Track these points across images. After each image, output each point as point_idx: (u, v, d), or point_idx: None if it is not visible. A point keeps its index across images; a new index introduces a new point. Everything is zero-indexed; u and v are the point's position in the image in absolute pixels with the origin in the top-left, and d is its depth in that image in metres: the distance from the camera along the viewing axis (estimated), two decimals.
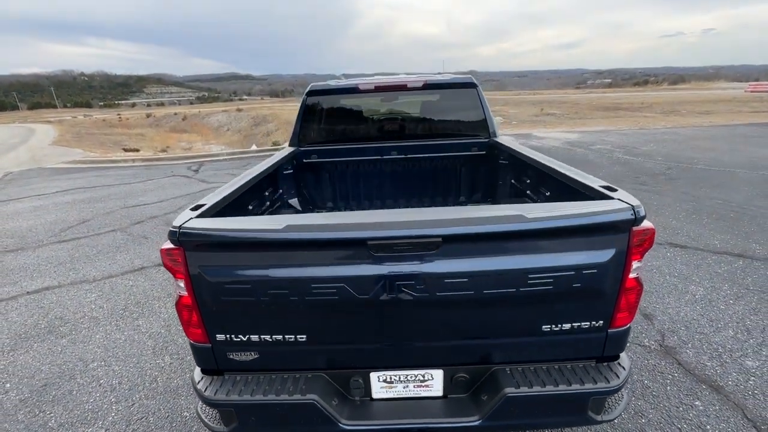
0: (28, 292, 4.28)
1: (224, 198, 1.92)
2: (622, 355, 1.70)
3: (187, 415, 2.54)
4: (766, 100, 28.96)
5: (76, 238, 5.91)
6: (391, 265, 1.43)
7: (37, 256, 5.28)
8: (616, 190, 1.65)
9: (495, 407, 1.58)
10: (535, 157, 2.56)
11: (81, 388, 2.83)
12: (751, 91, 43.24)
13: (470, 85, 3.41)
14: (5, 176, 11.45)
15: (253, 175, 2.42)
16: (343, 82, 3.45)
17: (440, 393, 1.74)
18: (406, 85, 3.32)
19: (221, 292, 1.50)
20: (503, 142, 3.22)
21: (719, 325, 3.14)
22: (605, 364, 1.67)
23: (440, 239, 1.38)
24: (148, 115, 51.89)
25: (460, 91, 3.46)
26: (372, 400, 1.75)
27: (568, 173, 2.06)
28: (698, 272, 3.97)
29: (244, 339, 1.61)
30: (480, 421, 1.61)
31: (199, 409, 1.81)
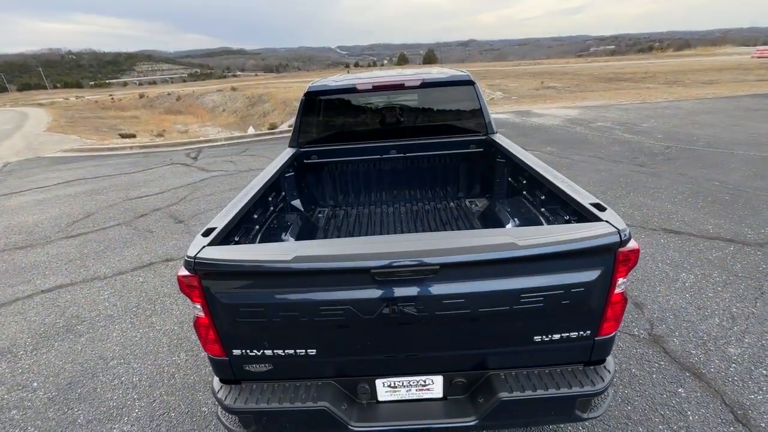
0: (42, 291, 4.44)
1: (232, 219, 2.01)
2: (608, 358, 1.84)
3: (206, 410, 2.73)
4: None
5: (83, 233, 6.03)
6: (393, 288, 1.55)
7: (47, 252, 5.42)
8: (605, 209, 1.74)
9: (490, 409, 1.73)
10: (528, 162, 2.62)
11: (104, 385, 3.02)
12: (758, 57, 42.12)
13: (467, 83, 3.42)
14: (4, 167, 11.45)
15: (258, 187, 2.50)
16: (341, 82, 3.45)
17: (440, 395, 1.90)
18: (403, 84, 3.33)
19: (235, 314, 1.62)
20: (499, 141, 3.27)
21: (706, 313, 3.29)
22: (592, 367, 1.81)
23: (438, 267, 1.48)
24: (141, 96, 50.91)
25: (457, 89, 3.46)
26: (378, 402, 1.91)
27: (559, 185, 2.13)
28: (690, 259, 4.10)
29: (259, 353, 1.74)
30: (476, 422, 1.77)
31: (219, 413, 1.97)
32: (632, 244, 1.56)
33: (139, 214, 6.66)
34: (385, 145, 3.67)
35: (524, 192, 2.95)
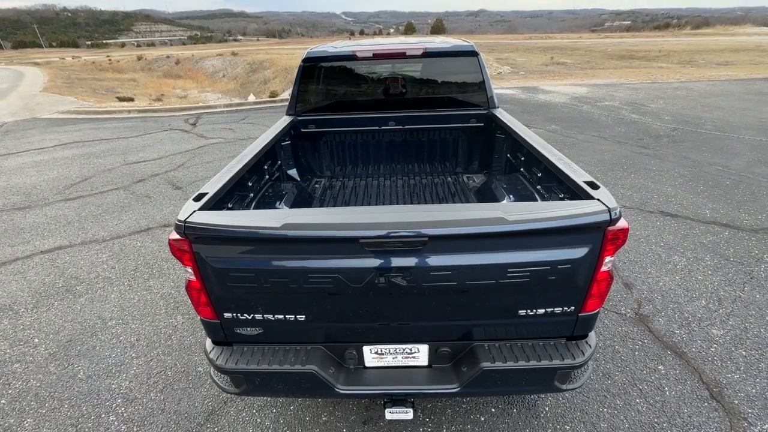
0: (42, 252, 4.49)
1: (225, 184, 2.00)
2: (590, 333, 1.89)
3: (201, 370, 2.83)
4: None
5: (81, 196, 6.03)
6: (381, 258, 1.56)
7: (45, 214, 5.44)
8: (598, 188, 1.73)
9: (473, 377, 1.80)
10: (527, 139, 2.58)
11: (103, 344, 3.11)
12: None
13: (471, 53, 3.31)
14: (1, 126, 11.30)
15: (253, 154, 2.47)
16: (340, 49, 3.34)
17: (425, 363, 1.96)
18: (404, 52, 3.22)
19: (226, 278, 1.65)
20: (501, 116, 3.20)
21: (694, 295, 3.35)
22: (574, 342, 1.86)
23: (426, 239, 1.49)
24: (139, 58, 49.51)
25: (460, 59, 3.36)
26: (365, 368, 1.98)
27: (556, 163, 2.11)
28: (684, 242, 4.12)
29: (249, 317, 1.78)
30: (459, 389, 1.83)
31: (212, 373, 2.05)
32: (622, 223, 1.56)
33: (137, 179, 6.64)
34: (384, 116, 3.60)
35: (522, 169, 2.93)
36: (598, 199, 1.60)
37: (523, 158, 2.89)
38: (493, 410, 2.44)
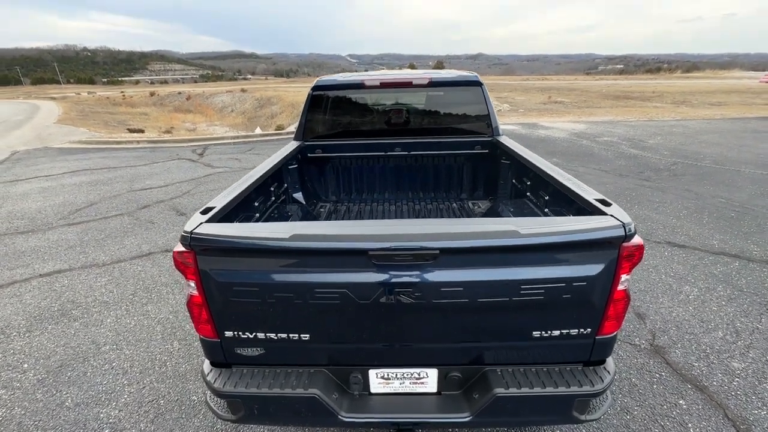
0: (40, 275, 4.43)
1: (232, 200, 1.99)
2: (608, 360, 1.79)
3: (195, 399, 2.68)
4: None
5: (85, 221, 6.04)
6: (390, 273, 1.51)
7: (48, 238, 5.42)
8: (610, 205, 1.71)
9: (485, 405, 1.68)
10: (534, 162, 2.60)
11: (95, 370, 2.98)
12: (765, 82, 42.25)
13: (475, 84, 3.42)
14: (12, 155, 11.55)
15: (260, 173, 2.48)
16: (349, 78, 3.46)
17: (434, 390, 1.85)
18: (411, 82, 3.33)
19: (229, 293, 1.59)
20: (505, 142, 3.25)
21: (710, 327, 3.23)
22: (591, 368, 1.76)
23: (437, 251, 1.45)
24: (152, 94, 51.51)
25: (464, 89, 3.46)
26: (370, 394, 1.86)
27: (565, 183, 2.11)
28: (694, 273, 4.04)
29: (251, 336, 1.71)
30: (470, 417, 1.71)
31: (208, 398, 1.94)
32: (637, 240, 1.53)
33: (142, 205, 6.67)
34: (390, 143, 3.66)
35: (528, 194, 2.93)
36: (612, 215, 1.57)
37: (529, 182, 2.90)
38: None
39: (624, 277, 1.57)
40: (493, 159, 3.55)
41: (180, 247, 1.58)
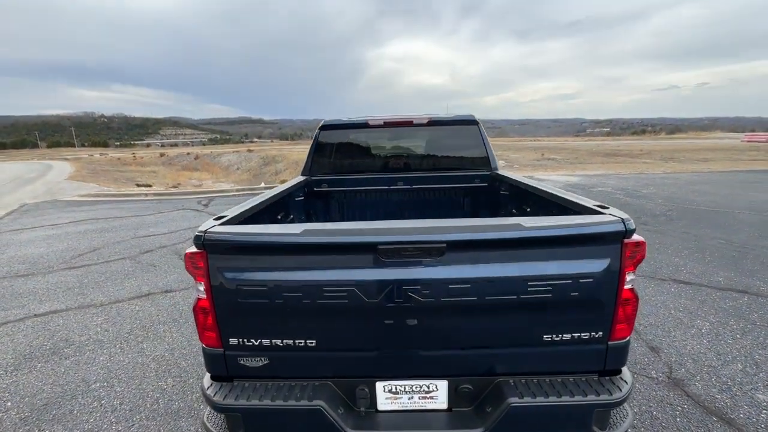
0: (35, 315, 4.33)
1: (244, 212, 2.06)
2: (624, 369, 1.73)
3: None
4: (764, 150, 29.65)
5: (86, 265, 6.02)
6: (398, 270, 1.53)
7: (47, 281, 5.37)
8: (608, 208, 1.78)
9: (499, 418, 1.60)
10: (534, 185, 2.71)
11: (82, 407, 2.81)
12: (748, 141, 44.36)
13: (471, 122, 3.66)
14: (21, 207, 11.80)
15: (269, 195, 2.58)
16: (354, 119, 3.72)
17: (445, 406, 1.76)
18: (412, 121, 3.58)
19: (238, 294, 1.59)
20: (502, 173, 3.40)
21: (727, 359, 3.10)
22: (608, 378, 1.70)
23: (444, 245, 1.49)
24: (162, 155, 53.80)
25: (462, 128, 3.70)
26: (377, 412, 1.77)
27: (565, 196, 2.20)
28: (703, 307, 3.96)
29: (256, 343, 1.67)
30: None
31: (204, 419, 1.83)
32: (637, 237, 1.57)
33: (144, 250, 6.70)
34: (393, 178, 3.81)
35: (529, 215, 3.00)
36: (611, 214, 1.63)
37: (529, 209, 2.99)
38: None
39: (630, 275, 1.59)
40: (493, 191, 3.67)
41: (192, 249, 1.62)
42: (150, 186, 17.37)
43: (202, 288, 1.64)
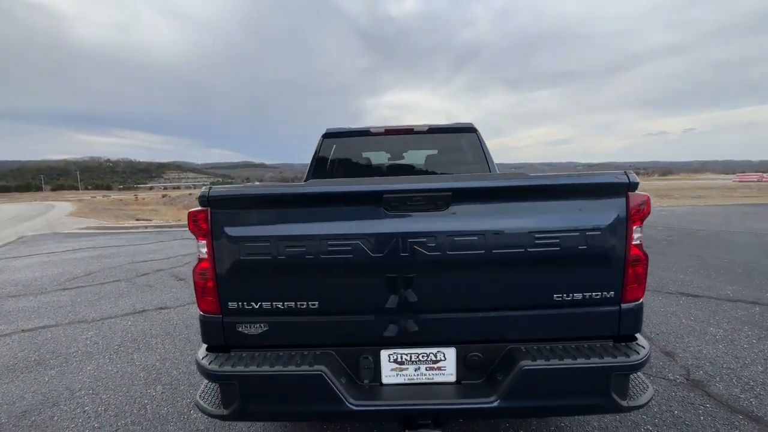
0: (23, 330, 4.16)
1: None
2: (639, 336, 1.66)
3: None
4: (755, 188, 30.23)
5: (80, 286, 5.89)
6: (403, 222, 1.52)
7: (39, 300, 5.22)
8: None
9: (512, 384, 1.50)
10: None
11: (63, 414, 2.62)
12: (739, 181, 45.35)
13: (471, 130, 3.77)
14: (19, 239, 11.74)
15: None
16: (356, 127, 3.84)
17: (453, 378, 1.65)
18: (412, 129, 3.68)
19: (240, 251, 1.56)
20: None
21: (746, 362, 2.96)
22: (623, 344, 1.62)
23: (450, 194, 1.49)
24: (164, 196, 54.48)
25: (461, 136, 3.80)
26: (382, 385, 1.66)
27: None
28: (715, 317, 3.84)
29: (256, 307, 1.61)
30: (498, 402, 1.51)
31: (198, 397, 1.72)
32: (642, 193, 1.58)
33: (140, 273, 6.58)
34: None
35: None
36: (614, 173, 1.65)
37: None
38: None
39: (637, 230, 1.57)
40: None
41: (197, 207, 1.61)
42: (150, 220, 17.39)
43: (204, 249, 1.61)
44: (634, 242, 1.57)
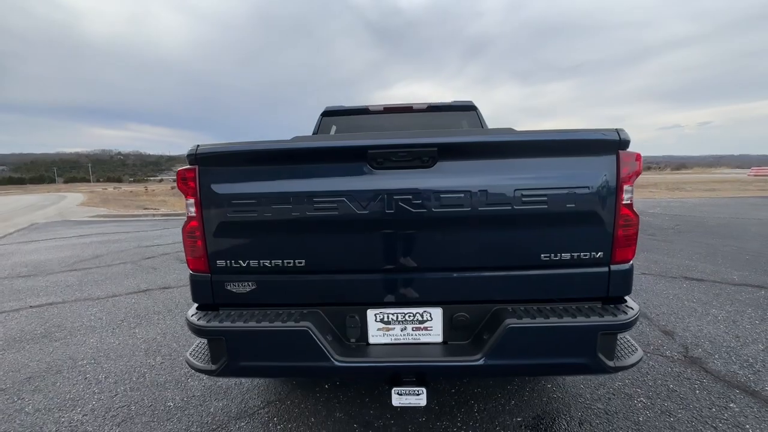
0: (31, 306, 4.27)
1: None
2: (629, 299, 1.64)
3: (171, 405, 2.37)
4: None
5: (87, 268, 6.01)
6: (389, 179, 1.51)
7: (47, 280, 5.34)
8: None
9: (497, 342, 1.50)
10: None
11: (65, 380, 2.69)
12: (754, 175, 44.23)
13: (470, 108, 3.73)
14: (31, 225, 11.99)
15: None
16: (355, 105, 3.82)
17: (440, 338, 1.66)
18: (411, 107, 3.66)
19: (228, 209, 1.57)
20: None
21: (747, 341, 2.91)
22: (612, 306, 1.60)
23: (435, 149, 1.47)
24: (173, 187, 55.01)
25: (461, 114, 3.77)
26: (368, 345, 1.67)
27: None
28: (718, 299, 3.78)
29: (244, 265, 1.62)
30: (483, 360, 1.51)
31: (188, 354, 1.75)
32: (632, 151, 1.55)
33: (146, 257, 6.68)
34: None
35: None
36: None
37: None
38: None
39: (627, 189, 1.54)
40: None
41: (185, 165, 1.62)
42: (158, 209, 17.62)
43: (192, 208, 1.62)
44: (624, 202, 1.55)
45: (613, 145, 1.50)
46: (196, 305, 1.73)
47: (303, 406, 2.31)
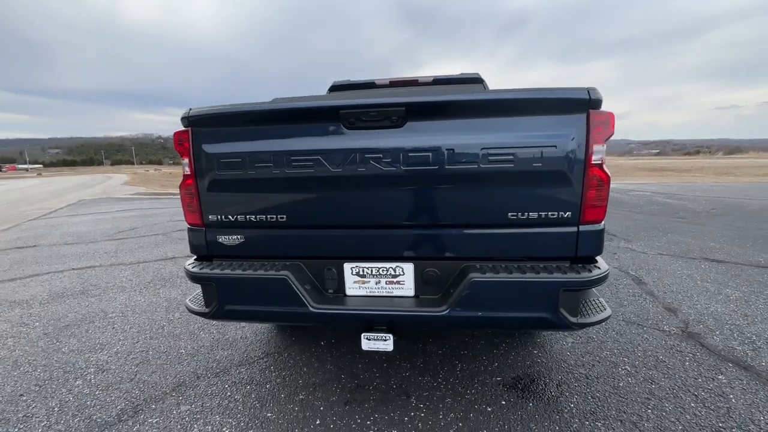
0: (73, 269, 4.74)
1: None
2: (599, 259, 1.66)
3: (183, 351, 2.63)
4: None
5: (124, 238, 6.53)
6: (361, 138, 1.60)
7: (88, 248, 5.87)
8: None
9: (461, 295, 1.58)
10: None
11: (97, 329, 3.03)
12: None
13: (477, 80, 3.68)
14: (79, 201, 13.02)
15: None
16: (361, 79, 3.88)
17: (411, 292, 1.76)
18: (417, 80, 3.66)
19: (217, 166, 1.72)
20: None
21: (756, 320, 2.81)
22: (580, 265, 1.63)
23: (403, 108, 1.54)
24: None
25: (467, 87, 3.73)
26: (345, 296, 1.80)
27: None
28: (735, 280, 3.62)
29: (232, 219, 1.78)
30: (448, 311, 1.60)
31: (187, 300, 1.96)
32: (606, 110, 1.54)
33: (176, 230, 7.15)
34: None
35: None
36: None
37: None
38: (503, 402, 2.00)
39: (597, 148, 1.54)
40: None
41: (180, 128, 1.78)
42: None
43: (187, 167, 1.79)
44: (594, 162, 1.55)
45: (583, 104, 1.50)
46: (194, 257, 1.92)
47: (298, 359, 2.50)
